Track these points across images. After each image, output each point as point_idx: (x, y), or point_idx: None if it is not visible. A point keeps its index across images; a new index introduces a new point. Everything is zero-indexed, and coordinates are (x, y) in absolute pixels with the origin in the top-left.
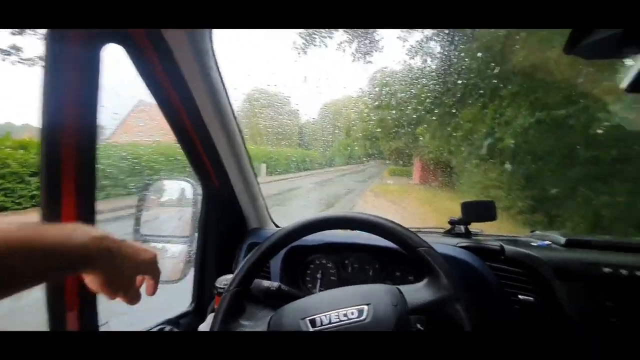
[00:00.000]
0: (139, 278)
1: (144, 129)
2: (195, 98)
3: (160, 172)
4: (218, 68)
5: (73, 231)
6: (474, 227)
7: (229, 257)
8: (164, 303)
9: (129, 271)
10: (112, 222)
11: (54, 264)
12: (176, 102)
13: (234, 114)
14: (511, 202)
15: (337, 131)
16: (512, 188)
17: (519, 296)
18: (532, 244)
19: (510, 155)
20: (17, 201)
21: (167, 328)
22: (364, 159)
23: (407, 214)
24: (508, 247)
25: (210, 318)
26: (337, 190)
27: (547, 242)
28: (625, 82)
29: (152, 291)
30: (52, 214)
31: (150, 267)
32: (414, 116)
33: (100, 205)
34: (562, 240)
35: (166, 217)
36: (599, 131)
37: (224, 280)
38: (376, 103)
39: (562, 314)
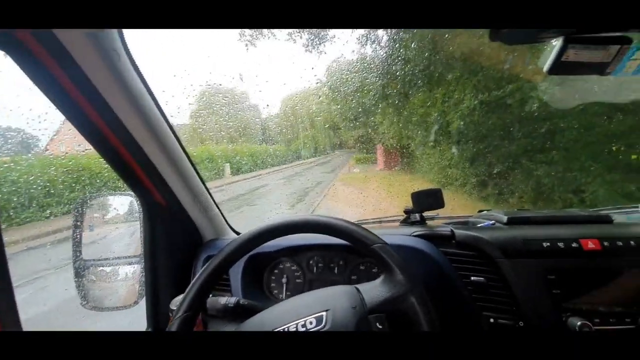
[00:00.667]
0: None
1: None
2: (110, 104)
3: (105, 185)
4: (136, 69)
5: None
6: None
7: (186, 274)
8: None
9: None
10: (52, 248)
11: None
12: (88, 111)
13: (165, 118)
14: (465, 180)
15: (300, 124)
16: (465, 167)
17: (471, 278)
18: (479, 225)
19: (458, 136)
20: None
21: None
22: (329, 150)
23: (372, 199)
24: (458, 232)
25: None
26: (305, 183)
27: (491, 222)
28: (546, 65)
29: None
30: None
31: None
32: (368, 105)
33: (41, 228)
34: (505, 218)
35: (112, 236)
36: (533, 109)
37: (178, 302)
38: (336, 93)
39: (511, 292)
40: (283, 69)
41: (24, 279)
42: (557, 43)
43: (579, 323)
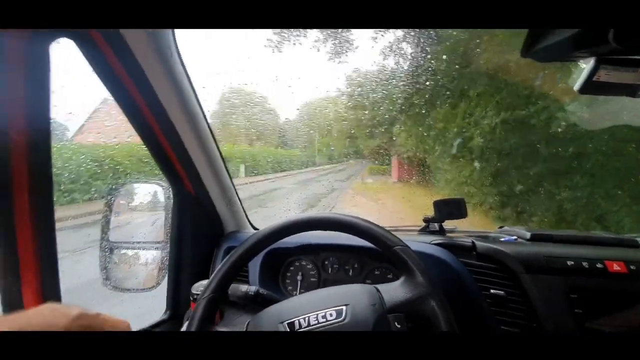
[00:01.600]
0: None
1: (110, 129)
2: (160, 98)
3: (131, 174)
4: (183, 66)
5: (52, 316)
6: (448, 223)
7: (206, 262)
8: (138, 312)
9: None
10: (79, 229)
11: None
12: (140, 102)
13: (204, 114)
14: (482, 198)
15: (316, 130)
16: (483, 185)
17: (491, 290)
18: (501, 239)
19: (479, 153)
20: None
21: None
22: (344, 158)
23: (386, 210)
24: (479, 243)
25: (186, 326)
26: (319, 189)
27: (514, 237)
28: (577, 84)
29: None
30: (3, 224)
31: None
32: (387, 116)
33: (67, 211)
34: (528, 235)
35: (137, 222)
36: (558, 130)
37: (201, 287)
38: (355, 103)
39: (531, 307)
40: (304, 76)
41: None
42: (589, 63)
43: None
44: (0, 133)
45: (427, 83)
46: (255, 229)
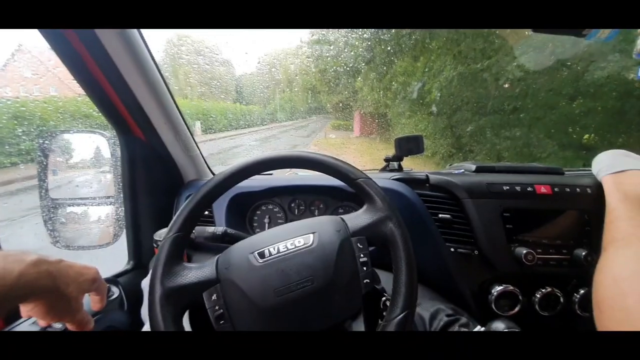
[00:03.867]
0: (84, 297)
1: (33, 81)
2: (101, 40)
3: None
4: None
5: (6, 262)
6: (405, 165)
7: (166, 212)
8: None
9: (72, 293)
10: (8, 198)
11: None
12: (79, 47)
13: (150, 53)
14: (435, 150)
15: (277, 85)
16: (436, 138)
17: (439, 215)
18: (451, 172)
19: (436, 106)
20: None
21: (111, 288)
22: (307, 114)
23: (349, 161)
24: (432, 176)
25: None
26: (280, 146)
27: (462, 170)
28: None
29: (100, 306)
30: None
31: (94, 284)
32: (349, 67)
33: None
34: (473, 167)
35: (82, 179)
36: (506, 86)
37: (163, 233)
38: (317, 53)
39: (471, 226)
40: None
41: None
42: None
43: (524, 252)
44: None
45: (390, 34)
46: None
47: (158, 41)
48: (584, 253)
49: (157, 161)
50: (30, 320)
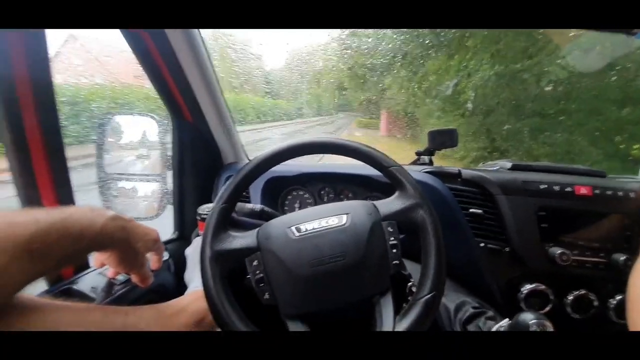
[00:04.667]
0: (146, 256)
1: (81, 69)
2: (169, 39)
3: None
4: None
5: (92, 214)
6: (436, 162)
7: (207, 191)
8: None
9: (140, 249)
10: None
11: (79, 247)
12: (150, 45)
13: (204, 43)
14: (465, 153)
15: (305, 80)
16: (467, 139)
17: (470, 209)
18: (485, 169)
19: (470, 103)
20: None
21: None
22: (333, 110)
23: None
24: (464, 171)
25: (196, 241)
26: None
27: (497, 167)
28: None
29: (158, 265)
30: (23, 174)
31: (155, 244)
32: (384, 62)
33: None
34: (509, 165)
35: (132, 157)
36: (548, 88)
37: (206, 208)
38: (347, 49)
39: (503, 223)
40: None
41: None
42: None
43: (558, 252)
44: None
45: (424, 31)
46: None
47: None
48: (623, 258)
49: (202, 143)
50: (97, 270)
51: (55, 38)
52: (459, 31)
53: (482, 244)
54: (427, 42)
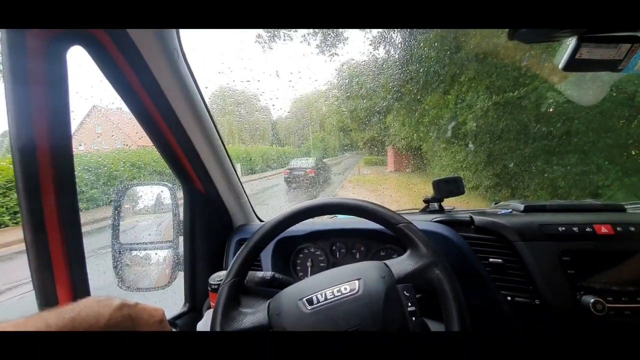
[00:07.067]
0: None
1: (102, 136)
2: (168, 99)
3: (133, 180)
4: (189, 66)
5: (98, 307)
6: (446, 204)
7: (218, 256)
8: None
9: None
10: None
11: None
12: (149, 105)
13: (209, 112)
14: (478, 182)
15: (310, 125)
16: (478, 168)
17: (490, 259)
18: (497, 212)
19: (473, 136)
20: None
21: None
22: (340, 152)
23: (385, 199)
24: (477, 217)
25: (207, 314)
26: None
27: (509, 210)
28: (561, 62)
29: None
30: (34, 230)
31: (161, 324)
32: (383, 104)
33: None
34: (521, 207)
35: (145, 224)
36: (549, 110)
37: (217, 277)
38: (347, 94)
39: (528, 272)
40: (296, 72)
41: None
42: (571, 42)
43: (592, 300)
44: (27, 142)
45: (420, 70)
46: (262, 221)
47: (206, 93)
48: None
49: (212, 209)
50: None
51: (79, 109)
52: (449, 69)
53: (509, 298)
54: (419, 82)
